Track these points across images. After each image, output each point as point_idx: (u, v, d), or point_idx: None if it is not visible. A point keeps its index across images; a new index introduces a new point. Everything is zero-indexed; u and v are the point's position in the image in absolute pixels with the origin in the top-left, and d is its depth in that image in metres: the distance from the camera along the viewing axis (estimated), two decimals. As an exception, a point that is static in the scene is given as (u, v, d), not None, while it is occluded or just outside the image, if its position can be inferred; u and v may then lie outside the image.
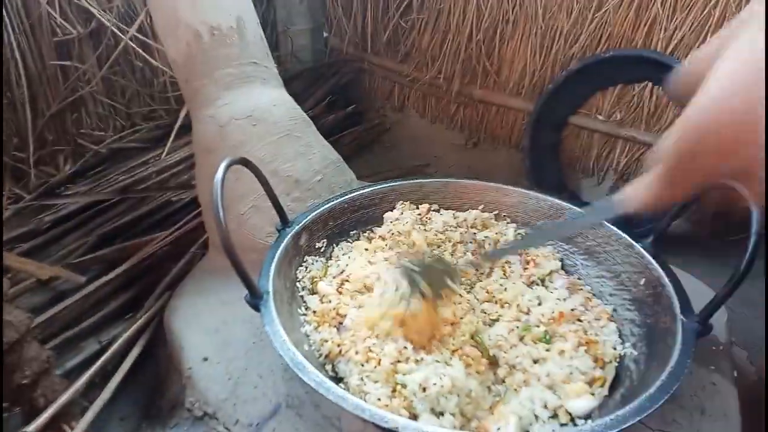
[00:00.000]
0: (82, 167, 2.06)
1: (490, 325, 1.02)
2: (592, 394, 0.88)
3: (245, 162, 1.02)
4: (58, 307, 1.41)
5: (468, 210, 1.32)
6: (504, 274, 1.16)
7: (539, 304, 1.06)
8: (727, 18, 1.59)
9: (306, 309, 1.06)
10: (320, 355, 0.96)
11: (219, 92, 1.32)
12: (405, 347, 0.92)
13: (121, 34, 2.05)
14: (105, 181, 1.96)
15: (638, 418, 0.72)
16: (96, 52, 2.10)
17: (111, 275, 1.53)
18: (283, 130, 1.34)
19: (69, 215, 1.80)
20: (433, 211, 1.32)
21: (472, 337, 0.96)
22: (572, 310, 1.05)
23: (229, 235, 0.85)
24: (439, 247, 1.20)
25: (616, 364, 0.95)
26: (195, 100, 1.35)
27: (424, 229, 1.25)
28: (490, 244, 1.22)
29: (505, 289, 1.10)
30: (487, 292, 1.09)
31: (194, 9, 1.29)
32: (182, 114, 2.03)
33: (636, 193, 0.54)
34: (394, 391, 0.89)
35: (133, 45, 2.09)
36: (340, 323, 1.01)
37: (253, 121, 1.31)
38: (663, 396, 0.75)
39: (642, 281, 1.04)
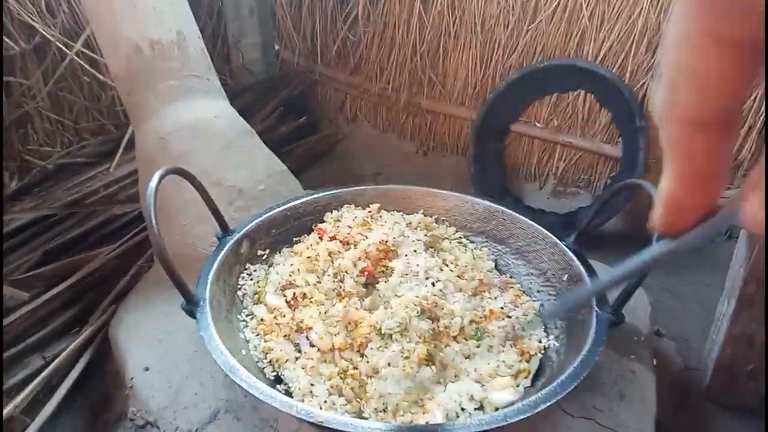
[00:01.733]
0: (29, 183, 2.03)
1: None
2: (517, 386, 0.93)
3: (181, 171, 1.04)
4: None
5: (412, 213, 1.37)
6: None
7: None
8: (649, 29, 1.70)
9: (248, 316, 1.09)
10: (259, 360, 1.00)
11: (161, 105, 1.34)
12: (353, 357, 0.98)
13: (66, 50, 2.04)
14: (52, 197, 1.94)
15: (548, 404, 0.77)
16: (41, 67, 2.08)
17: (56, 290, 1.51)
18: (225, 141, 1.36)
19: (14, 231, 1.77)
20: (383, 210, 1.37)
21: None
22: (502, 307, 1.11)
23: (164, 243, 0.88)
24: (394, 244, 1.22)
25: (541, 356, 1.01)
26: (137, 113, 1.37)
27: (380, 225, 1.29)
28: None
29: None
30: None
31: (135, 23, 1.31)
32: (131, 128, 2.02)
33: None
34: (341, 395, 0.94)
35: (80, 60, 2.08)
36: (301, 333, 1.03)
37: (195, 132, 1.33)
38: (573, 382, 0.81)
39: (565, 277, 1.10)
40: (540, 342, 1.03)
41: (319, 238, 1.26)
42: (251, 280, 1.17)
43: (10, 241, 1.75)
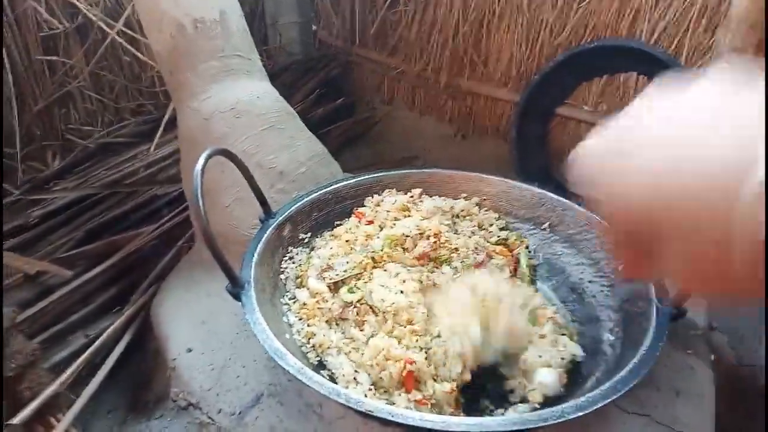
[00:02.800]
0: (71, 162, 2.06)
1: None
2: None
3: (227, 153, 1.02)
4: (45, 302, 1.41)
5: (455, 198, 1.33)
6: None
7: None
8: (709, 8, 1.60)
9: (291, 300, 1.08)
10: (302, 345, 0.98)
11: (203, 85, 1.32)
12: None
13: (107, 29, 2.04)
14: (93, 176, 1.96)
15: (608, 400, 0.73)
16: (83, 47, 2.10)
17: (98, 269, 1.53)
18: (267, 122, 1.34)
19: (57, 210, 1.80)
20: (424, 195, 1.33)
21: None
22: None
23: (209, 225, 0.86)
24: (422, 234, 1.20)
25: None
26: (179, 92, 1.36)
27: (417, 210, 1.26)
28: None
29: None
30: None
31: (178, 1, 1.29)
32: (170, 108, 2.03)
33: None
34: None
35: (121, 40, 2.08)
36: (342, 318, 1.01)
37: (237, 113, 1.31)
38: (634, 379, 0.76)
39: (620, 267, 1.05)
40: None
41: (358, 221, 1.24)
42: (293, 263, 1.15)
43: (54, 220, 1.78)
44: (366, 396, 0.86)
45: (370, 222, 1.22)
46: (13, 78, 1.90)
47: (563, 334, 0.99)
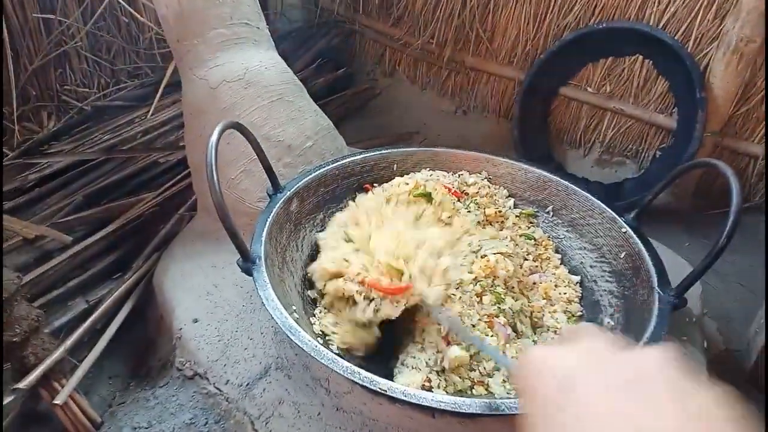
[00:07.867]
0: (66, 124, 2.02)
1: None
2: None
3: (238, 126, 1.02)
4: (44, 267, 1.41)
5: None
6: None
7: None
8: (720, -6, 1.60)
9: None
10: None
11: (210, 53, 1.30)
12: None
13: (106, -12, 1.99)
14: (90, 140, 1.93)
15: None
16: (81, 5, 2.03)
17: (98, 236, 1.52)
18: (275, 93, 1.33)
19: (54, 174, 1.77)
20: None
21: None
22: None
23: (224, 200, 0.86)
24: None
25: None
26: (186, 60, 1.33)
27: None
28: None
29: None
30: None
31: (185, -34, 1.25)
32: (168, 72, 1.98)
33: None
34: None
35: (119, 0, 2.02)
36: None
37: (245, 83, 1.30)
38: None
39: (622, 254, 1.07)
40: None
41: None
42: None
43: (50, 184, 1.75)
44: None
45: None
46: (9, 36, 1.85)
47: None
